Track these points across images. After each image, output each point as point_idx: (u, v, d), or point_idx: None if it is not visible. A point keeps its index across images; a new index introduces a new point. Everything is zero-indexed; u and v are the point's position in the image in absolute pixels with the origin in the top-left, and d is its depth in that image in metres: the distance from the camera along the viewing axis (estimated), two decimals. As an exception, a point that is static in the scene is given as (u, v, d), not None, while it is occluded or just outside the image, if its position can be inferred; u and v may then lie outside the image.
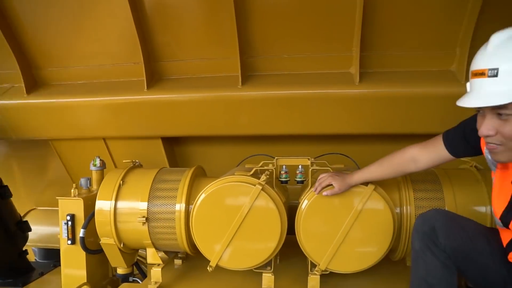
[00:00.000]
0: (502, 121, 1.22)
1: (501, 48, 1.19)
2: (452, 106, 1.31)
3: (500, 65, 1.18)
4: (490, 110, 1.24)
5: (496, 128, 1.24)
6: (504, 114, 1.21)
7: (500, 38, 1.20)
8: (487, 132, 1.26)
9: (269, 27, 2.51)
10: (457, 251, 1.51)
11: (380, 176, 1.89)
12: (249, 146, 2.97)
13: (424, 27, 2.39)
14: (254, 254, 2.10)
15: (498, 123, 1.23)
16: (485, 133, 1.26)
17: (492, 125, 1.25)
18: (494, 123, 1.24)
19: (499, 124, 1.23)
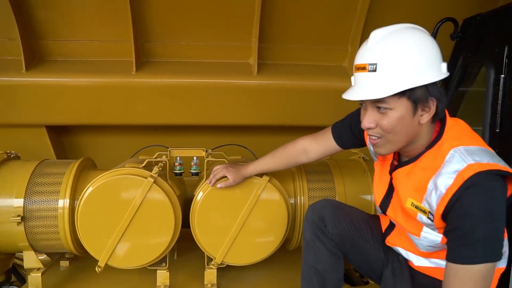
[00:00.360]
0: (381, 114, 1.27)
1: (380, 44, 1.23)
2: (343, 100, 1.35)
3: (378, 60, 1.22)
4: (371, 104, 1.27)
5: (376, 121, 1.28)
6: (383, 108, 1.25)
7: (379, 35, 1.24)
8: (368, 124, 1.30)
9: (167, 11, 2.37)
10: (343, 238, 1.58)
11: (273, 167, 1.90)
12: (146, 137, 2.82)
13: (320, 23, 2.47)
14: (147, 250, 1.98)
15: (378, 116, 1.27)
16: (366, 125, 1.30)
17: (372, 118, 1.28)
18: (375, 116, 1.28)
19: (379, 117, 1.27)
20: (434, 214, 1.24)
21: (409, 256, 1.50)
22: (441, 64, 1.25)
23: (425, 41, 1.23)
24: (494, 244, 1.15)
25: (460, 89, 2.19)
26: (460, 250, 1.16)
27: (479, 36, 1.98)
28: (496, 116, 1.83)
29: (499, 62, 1.80)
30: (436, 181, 1.22)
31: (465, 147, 1.22)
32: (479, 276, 1.14)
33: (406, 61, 1.20)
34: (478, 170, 1.14)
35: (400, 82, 1.19)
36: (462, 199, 1.15)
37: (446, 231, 1.23)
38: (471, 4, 2.31)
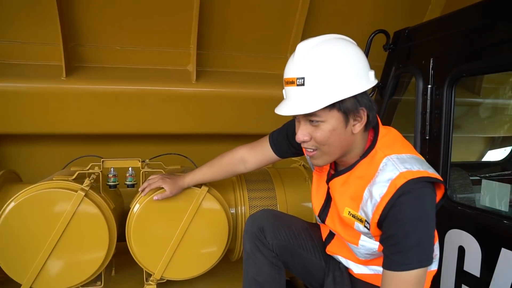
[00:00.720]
0: (314, 127, 1.27)
1: (306, 57, 1.22)
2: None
3: (306, 74, 1.21)
4: (303, 117, 1.27)
5: (310, 133, 1.28)
6: (315, 121, 1.25)
7: (305, 47, 1.23)
8: (302, 137, 1.29)
9: (100, 14, 2.24)
10: (283, 248, 1.57)
11: (211, 177, 1.86)
12: (79, 147, 2.65)
13: (259, 31, 2.46)
14: (79, 268, 1.87)
15: (311, 129, 1.26)
16: (301, 138, 1.30)
17: (306, 131, 1.28)
18: (308, 129, 1.27)
19: (312, 129, 1.27)
20: (370, 222, 1.26)
21: (349, 264, 1.52)
22: (369, 72, 1.27)
23: (351, 51, 1.24)
24: (426, 249, 1.19)
25: (393, 98, 2.29)
26: (394, 257, 1.19)
27: (408, 48, 2.08)
28: (426, 124, 1.93)
29: (426, 73, 1.90)
30: (371, 189, 1.24)
31: (397, 155, 1.25)
32: (413, 281, 1.17)
33: (333, 73, 1.20)
34: (409, 178, 1.17)
35: (329, 95, 1.20)
36: (395, 207, 1.18)
37: (381, 239, 1.26)
38: (403, 17, 2.43)
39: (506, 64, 1.56)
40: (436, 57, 1.88)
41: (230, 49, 2.51)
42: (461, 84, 3.02)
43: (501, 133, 3.52)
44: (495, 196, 1.73)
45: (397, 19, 2.33)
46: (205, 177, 1.86)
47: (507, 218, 1.57)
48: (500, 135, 3.53)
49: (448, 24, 1.87)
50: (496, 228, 1.59)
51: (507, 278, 1.51)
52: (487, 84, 3.07)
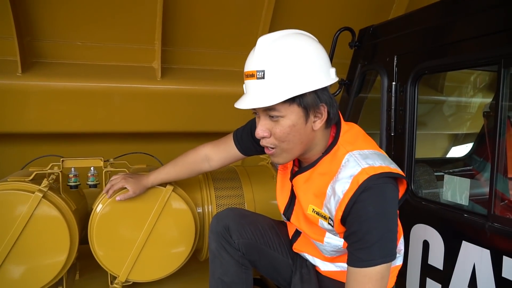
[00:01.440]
0: (274, 122, 1.24)
1: (267, 50, 1.20)
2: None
3: (266, 67, 1.18)
4: (263, 112, 1.24)
5: (269, 129, 1.25)
6: (275, 116, 1.23)
7: (266, 41, 1.21)
8: (262, 133, 1.26)
9: (59, 7, 2.15)
10: (250, 247, 1.55)
11: (175, 176, 1.82)
12: (39, 146, 2.54)
13: (226, 28, 2.44)
14: (38, 273, 1.78)
15: (271, 124, 1.24)
16: (260, 134, 1.27)
17: (265, 126, 1.25)
18: (268, 125, 1.25)
19: (272, 125, 1.24)
20: (333, 219, 1.26)
21: (316, 262, 1.51)
22: (330, 69, 1.26)
23: (312, 47, 1.23)
24: (389, 245, 1.19)
25: (360, 95, 2.31)
26: (358, 253, 1.19)
27: (373, 46, 2.11)
28: (391, 121, 1.95)
29: (390, 71, 1.93)
30: (334, 186, 1.23)
31: (359, 151, 1.25)
32: (377, 277, 1.17)
33: (294, 67, 1.18)
34: (371, 174, 1.17)
35: (288, 88, 1.18)
36: (357, 203, 1.18)
37: (345, 236, 1.26)
38: (368, 15, 2.45)
39: (465, 61, 1.60)
40: (399, 55, 1.90)
41: (196, 46, 2.47)
42: (426, 82, 3.11)
43: (463, 130, 3.63)
44: (456, 191, 1.77)
45: (362, 17, 2.36)
46: (169, 176, 1.81)
47: (467, 212, 1.61)
48: (462, 132, 3.65)
49: (411, 22, 1.90)
50: (457, 222, 1.63)
51: (467, 270, 1.55)
52: (450, 82, 3.16)
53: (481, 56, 1.50)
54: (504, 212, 1.64)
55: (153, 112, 2.49)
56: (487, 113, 2.29)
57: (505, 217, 1.49)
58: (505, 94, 1.43)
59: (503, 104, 1.43)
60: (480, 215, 1.53)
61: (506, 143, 2.03)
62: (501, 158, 1.48)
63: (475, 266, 1.52)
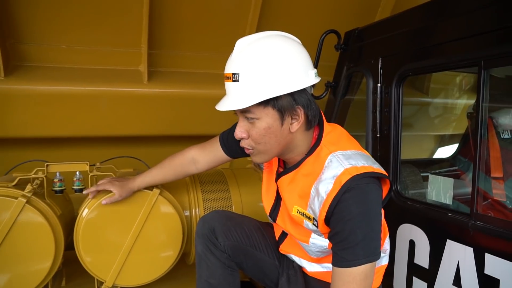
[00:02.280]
0: (250, 124, 1.25)
1: (243, 53, 1.21)
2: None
3: (240, 70, 1.19)
4: (240, 114, 1.26)
5: (247, 130, 1.26)
6: (250, 118, 1.23)
7: (243, 43, 1.23)
8: (240, 135, 1.27)
9: (43, 10, 2.13)
10: (236, 249, 1.55)
11: (162, 179, 1.80)
12: (25, 152, 2.50)
13: (213, 31, 2.43)
14: (22, 280, 1.75)
15: (248, 126, 1.26)
16: (239, 135, 1.28)
17: (244, 128, 1.26)
18: (245, 126, 1.26)
19: (249, 127, 1.26)
20: (318, 220, 1.27)
21: (302, 263, 1.52)
22: (310, 70, 1.26)
23: (289, 48, 1.23)
24: (373, 244, 1.20)
25: (346, 98, 2.33)
26: (342, 253, 1.19)
27: (359, 48, 2.13)
28: (376, 122, 1.98)
29: (375, 72, 1.95)
30: (318, 187, 1.24)
31: (342, 152, 1.26)
32: (361, 276, 1.17)
33: (267, 69, 1.19)
34: (354, 174, 1.18)
35: (262, 91, 1.19)
36: (340, 204, 1.18)
37: (329, 236, 1.26)
38: (354, 18, 2.48)
39: (447, 63, 1.63)
40: (384, 57, 1.93)
41: (183, 49, 2.46)
42: (411, 84, 3.15)
43: (449, 131, 3.68)
44: (440, 191, 1.80)
45: (348, 20, 2.38)
46: (155, 179, 1.80)
47: (451, 211, 1.63)
48: (448, 133, 3.70)
49: (395, 24, 1.93)
50: (441, 221, 1.66)
51: (452, 268, 1.57)
52: (435, 84, 3.21)
53: (462, 57, 1.53)
54: (487, 211, 1.67)
55: (140, 116, 2.48)
56: (470, 114, 2.33)
57: (487, 215, 1.52)
58: (486, 95, 1.46)
59: (484, 105, 1.46)
60: (463, 214, 1.56)
61: (489, 143, 2.07)
62: (482, 158, 1.51)
63: (459, 264, 1.55)
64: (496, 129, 2.23)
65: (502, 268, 1.39)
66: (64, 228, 1.84)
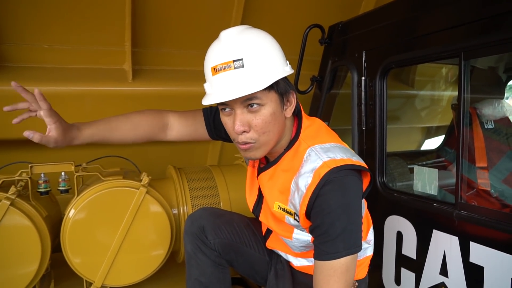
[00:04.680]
0: (253, 114, 1.20)
1: (239, 40, 1.18)
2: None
3: (244, 55, 1.15)
4: (240, 105, 1.19)
5: (249, 122, 1.20)
6: (255, 105, 1.18)
7: (232, 33, 1.20)
8: (243, 128, 1.20)
9: (22, 9, 2.08)
10: (226, 246, 1.54)
11: (118, 134, 1.46)
12: (8, 153, 2.46)
13: (197, 28, 2.41)
14: (9, 283, 1.74)
15: (250, 116, 1.20)
16: (241, 129, 1.20)
17: (245, 119, 1.20)
18: (246, 117, 1.20)
19: (250, 117, 1.20)
20: (299, 214, 1.26)
21: (288, 258, 1.52)
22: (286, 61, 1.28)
23: (271, 38, 1.25)
24: (353, 236, 1.19)
25: (332, 92, 2.34)
26: (322, 246, 1.19)
27: (343, 42, 2.14)
28: (362, 115, 1.98)
29: (359, 66, 1.96)
30: (297, 181, 1.24)
31: (320, 145, 1.25)
32: (342, 269, 1.17)
33: (268, 53, 1.19)
34: (332, 167, 1.17)
35: (269, 73, 1.18)
36: (320, 197, 1.18)
37: (310, 230, 1.26)
38: (338, 12, 2.48)
39: (429, 55, 1.64)
40: (367, 50, 1.94)
41: (168, 47, 2.44)
42: (396, 77, 3.17)
43: (435, 123, 3.72)
44: (426, 181, 1.82)
45: (332, 14, 2.38)
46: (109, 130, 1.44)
47: (437, 201, 1.65)
48: (434, 125, 3.74)
49: (378, 17, 1.94)
50: (427, 211, 1.67)
51: (438, 257, 1.59)
52: (420, 77, 3.23)
53: (443, 49, 1.55)
54: (470, 200, 1.69)
55: (125, 115, 2.45)
56: (454, 105, 2.36)
57: (471, 204, 1.54)
58: (466, 85, 1.47)
59: (465, 96, 1.47)
60: (448, 204, 1.57)
61: (473, 134, 2.10)
62: (465, 148, 1.53)
63: (445, 253, 1.57)
64: (480, 119, 2.26)
65: (486, 256, 1.41)
66: (50, 230, 1.82)
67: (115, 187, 1.83)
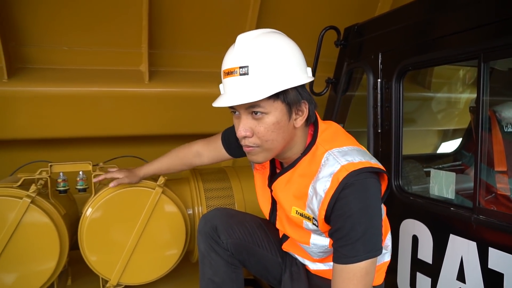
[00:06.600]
0: (256, 121, 1.21)
1: (249, 47, 1.18)
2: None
3: (250, 62, 1.16)
4: (245, 110, 1.21)
5: (252, 128, 1.22)
6: (259, 112, 1.19)
7: (246, 38, 1.20)
8: (244, 132, 1.22)
9: (44, 12, 2.14)
10: (239, 246, 1.55)
11: (167, 167, 1.85)
12: (29, 152, 2.52)
13: (212, 29, 2.43)
14: (28, 279, 1.78)
15: (254, 123, 1.21)
16: (243, 133, 1.22)
17: (248, 125, 1.22)
18: (250, 123, 1.22)
19: (254, 124, 1.21)
20: (317, 219, 1.26)
21: (305, 261, 1.52)
22: (307, 68, 1.27)
23: (291, 45, 1.24)
24: (373, 240, 1.19)
25: (347, 94, 2.33)
26: (342, 250, 1.18)
27: (358, 44, 2.12)
28: (377, 118, 1.97)
29: (375, 68, 1.94)
30: (315, 186, 1.23)
31: (338, 149, 1.25)
32: (361, 272, 1.16)
33: (277, 62, 1.18)
34: (350, 170, 1.17)
35: (274, 83, 1.17)
36: (339, 201, 1.17)
37: (330, 233, 1.25)
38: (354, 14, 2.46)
39: (447, 57, 1.62)
40: (384, 52, 1.92)
41: (183, 48, 2.46)
42: (413, 79, 3.14)
43: (452, 126, 3.66)
44: (442, 185, 1.79)
45: (348, 16, 2.37)
46: (161, 168, 1.85)
47: (454, 205, 1.62)
48: (451, 128, 3.68)
49: (394, 19, 1.92)
50: (444, 216, 1.65)
51: (455, 262, 1.56)
52: (437, 79, 3.19)
53: (462, 51, 1.52)
54: (489, 205, 1.66)
55: (142, 115, 2.48)
56: (472, 108, 2.32)
57: (490, 209, 1.51)
58: (486, 88, 1.45)
59: (484, 99, 1.45)
60: (466, 208, 1.55)
61: (492, 137, 2.06)
62: (484, 151, 1.50)
63: (463, 259, 1.54)
64: (500, 122, 2.21)
65: (506, 263, 1.38)
66: (68, 227, 1.86)
67: (131, 187, 1.86)
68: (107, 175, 1.81)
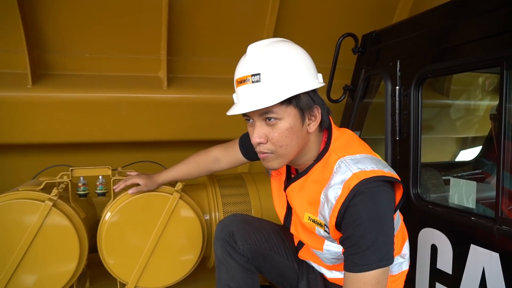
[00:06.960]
0: (270, 127, 1.23)
1: (260, 55, 1.21)
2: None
3: (261, 70, 1.18)
4: (259, 117, 1.23)
5: (266, 134, 1.23)
6: (273, 118, 1.21)
7: (257, 47, 1.23)
8: (258, 139, 1.24)
9: (66, 20, 2.20)
10: (255, 252, 1.56)
11: (186, 173, 1.88)
12: (50, 157, 2.57)
13: (229, 36, 2.45)
14: (48, 281, 1.81)
15: (268, 129, 1.23)
16: (257, 140, 1.24)
17: (262, 132, 1.23)
18: (264, 130, 1.23)
19: (268, 130, 1.23)
20: (328, 226, 1.25)
21: (321, 270, 1.52)
22: (317, 74, 1.29)
23: (301, 52, 1.26)
24: (384, 248, 1.17)
25: (365, 101, 2.32)
26: (353, 258, 1.17)
27: (376, 51, 2.12)
28: (395, 125, 1.95)
29: (393, 75, 1.93)
30: (327, 193, 1.23)
31: (350, 157, 1.24)
32: (372, 282, 1.15)
33: (288, 68, 1.20)
34: (362, 178, 1.16)
35: (285, 89, 1.19)
36: (350, 208, 1.17)
37: (340, 241, 1.25)
38: (371, 21, 2.46)
39: (468, 64, 1.60)
40: (402, 59, 1.91)
41: (201, 55, 2.49)
42: (431, 86, 3.10)
43: (472, 134, 3.60)
44: (463, 194, 1.76)
45: (366, 23, 2.37)
46: (180, 174, 1.88)
47: (475, 215, 1.60)
48: (471, 135, 3.62)
49: (412, 26, 1.91)
50: (465, 225, 1.62)
51: (477, 273, 1.53)
52: (455, 86, 3.15)
53: (483, 58, 1.50)
54: (512, 215, 1.62)
55: (160, 121, 2.51)
56: (493, 115, 2.28)
57: (512, 219, 1.48)
58: (509, 95, 1.43)
59: (507, 106, 1.43)
60: (487, 218, 1.52)
61: (513, 145, 2.02)
62: (507, 160, 1.47)
63: (485, 270, 1.51)
64: (521, 130, 2.18)
65: (530, 274, 1.35)
66: (88, 231, 1.89)
67: (149, 192, 1.88)
68: (127, 182, 1.83)
